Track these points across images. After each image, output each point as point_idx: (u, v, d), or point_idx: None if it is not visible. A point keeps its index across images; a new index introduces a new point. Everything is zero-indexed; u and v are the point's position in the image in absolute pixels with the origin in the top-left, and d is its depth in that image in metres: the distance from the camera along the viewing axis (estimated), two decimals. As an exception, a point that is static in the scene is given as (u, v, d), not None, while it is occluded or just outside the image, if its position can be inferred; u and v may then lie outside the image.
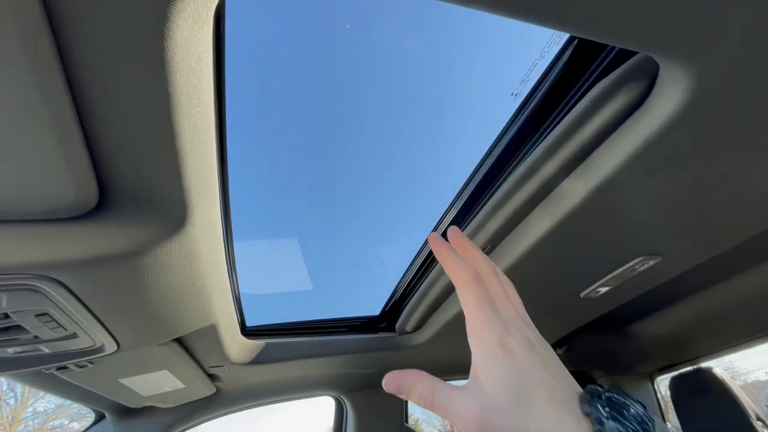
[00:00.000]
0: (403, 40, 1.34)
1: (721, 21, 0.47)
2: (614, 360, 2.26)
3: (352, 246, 2.47)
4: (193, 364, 1.24)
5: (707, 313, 1.73)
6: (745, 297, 1.57)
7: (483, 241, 1.04)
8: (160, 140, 0.49)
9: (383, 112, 1.74)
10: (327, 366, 1.62)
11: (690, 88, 0.56)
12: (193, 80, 0.47)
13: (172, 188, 0.57)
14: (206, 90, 0.51)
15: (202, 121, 0.54)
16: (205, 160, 0.59)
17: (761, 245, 1.16)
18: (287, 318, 1.57)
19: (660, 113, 0.62)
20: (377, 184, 2.15)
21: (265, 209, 2.03)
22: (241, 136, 0.78)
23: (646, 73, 0.61)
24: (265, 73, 1.52)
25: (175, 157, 0.52)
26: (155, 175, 0.54)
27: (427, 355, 1.71)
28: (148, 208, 0.59)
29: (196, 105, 0.50)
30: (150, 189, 0.56)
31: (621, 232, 0.96)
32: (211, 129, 0.58)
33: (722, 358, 2.19)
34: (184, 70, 0.44)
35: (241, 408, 1.76)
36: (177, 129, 0.49)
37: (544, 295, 1.29)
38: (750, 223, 0.95)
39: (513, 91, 0.80)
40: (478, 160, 0.97)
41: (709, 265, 1.17)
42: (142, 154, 0.51)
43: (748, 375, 12.45)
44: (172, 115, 0.47)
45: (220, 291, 0.96)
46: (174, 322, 0.90)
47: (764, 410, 8.10)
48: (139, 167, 0.53)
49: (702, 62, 0.52)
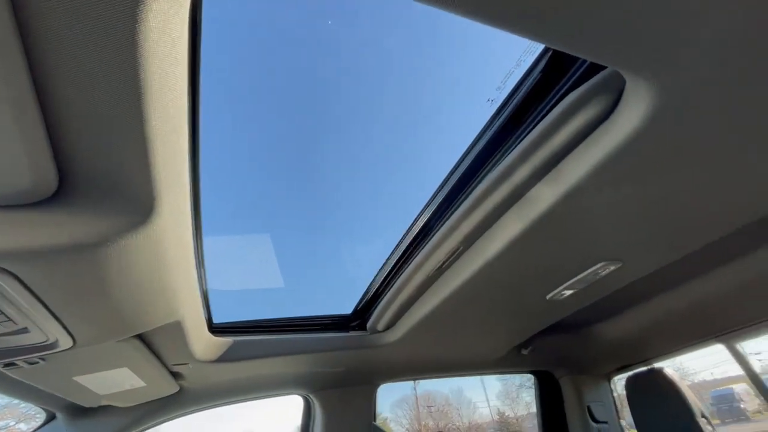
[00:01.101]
0: (385, 39, 1.34)
1: (684, 42, 0.50)
2: (575, 360, 2.36)
3: (326, 245, 2.44)
4: (155, 362, 1.19)
5: (661, 316, 1.84)
6: (695, 302, 1.68)
7: (456, 243, 1.06)
8: (127, 126, 0.47)
9: (362, 111, 1.74)
10: (296, 364, 1.60)
11: (653, 103, 0.59)
12: (166, 66, 0.46)
13: (139, 177, 0.54)
14: (180, 77, 0.49)
15: (175, 110, 0.52)
16: (175, 150, 0.57)
17: (711, 253, 1.24)
18: (257, 315, 1.54)
19: (624, 126, 0.65)
20: (353, 183, 2.14)
21: (237, 204, 1.98)
22: (215, 127, 0.76)
23: (614, 88, 0.65)
24: (243, 64, 1.49)
25: (143, 145, 0.50)
26: (121, 162, 0.52)
27: (398, 354, 1.72)
28: (113, 198, 0.56)
29: (169, 92, 0.48)
30: (115, 177, 0.53)
31: (586, 238, 1.00)
32: (184, 118, 0.56)
33: (673, 359, 2.32)
34: (157, 55, 0.43)
35: (205, 407, 1.71)
36: (146, 115, 0.47)
37: (513, 297, 1.33)
38: (703, 232, 1.02)
39: (489, 97, 0.82)
40: (453, 163, 0.98)
41: (664, 272, 1.24)
42: (107, 140, 0.48)
43: (696, 375, 13.27)
44: (142, 101, 0.45)
45: (187, 286, 0.92)
46: (136, 318, 0.86)
47: (709, 408, 8.65)
48: (103, 153, 0.50)
49: (665, 80, 0.56)
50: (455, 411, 17.46)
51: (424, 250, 1.13)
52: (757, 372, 1.93)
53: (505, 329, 1.65)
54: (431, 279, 1.26)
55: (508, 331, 1.68)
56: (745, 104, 0.61)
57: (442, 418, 17.15)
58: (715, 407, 12.16)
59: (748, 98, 0.60)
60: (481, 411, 17.71)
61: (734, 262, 1.44)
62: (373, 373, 1.93)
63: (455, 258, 1.14)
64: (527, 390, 16.88)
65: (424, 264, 1.17)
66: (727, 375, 12.32)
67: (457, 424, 17.04)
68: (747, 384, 11.97)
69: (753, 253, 1.39)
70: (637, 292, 1.67)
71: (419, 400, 17.58)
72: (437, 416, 17.30)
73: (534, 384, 2.58)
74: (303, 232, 2.25)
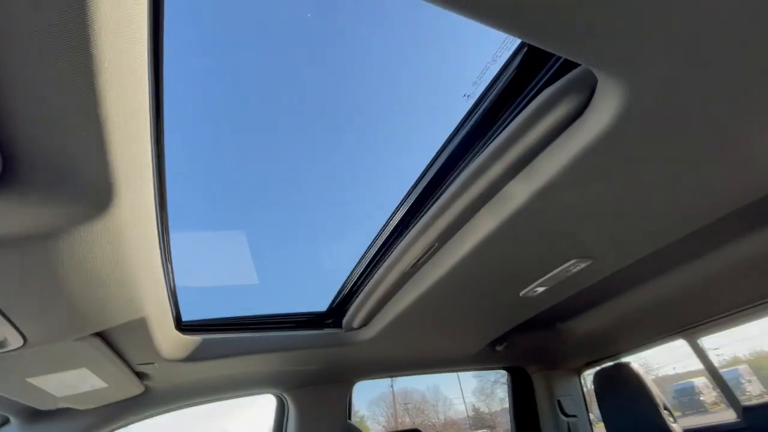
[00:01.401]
0: (362, 28, 1.32)
1: (653, 42, 0.51)
2: (547, 356, 2.41)
3: (302, 242, 2.40)
4: (118, 361, 1.13)
5: (628, 313, 1.91)
6: (659, 299, 1.75)
7: (431, 239, 1.05)
8: (80, 106, 0.44)
9: (337, 104, 1.72)
10: (269, 363, 1.57)
11: (623, 102, 0.60)
12: (123, 43, 0.43)
13: (95, 163, 0.51)
14: (139, 56, 0.46)
15: (134, 91, 0.49)
16: (136, 134, 0.54)
17: (675, 252, 1.29)
18: (230, 313, 1.49)
19: (596, 124, 0.66)
20: (327, 178, 2.11)
21: (208, 197, 1.92)
22: (183, 113, 0.72)
23: (586, 86, 0.66)
24: (214, 45, 1.42)
25: (98, 128, 0.46)
26: (74, 146, 0.48)
27: (374, 351, 1.72)
28: (66, 185, 0.52)
29: (128, 72, 0.45)
30: (67, 162, 0.49)
31: (558, 235, 1.02)
32: (145, 100, 0.52)
33: (639, 354, 2.42)
34: (111, 31, 0.40)
35: (173, 408, 1.65)
36: (101, 95, 0.43)
37: (487, 293, 1.34)
38: (671, 229, 1.05)
39: (466, 92, 0.82)
40: (429, 159, 0.98)
41: (631, 270, 1.28)
42: (56, 121, 0.45)
43: (659, 370, 13.94)
44: (96, 79, 0.42)
45: (152, 282, 0.88)
46: (95, 315, 0.81)
47: (671, 401, 9.10)
48: (52, 136, 0.46)
49: (635, 78, 0.57)
50: (432, 408, 17.66)
51: (400, 247, 1.12)
52: (715, 366, 2.03)
53: (480, 326, 1.67)
54: (407, 276, 1.25)
55: (483, 328, 1.70)
56: (713, 103, 0.63)
57: (419, 416, 17.32)
58: (676, 400, 12.81)
59: (715, 97, 0.62)
60: (456, 407, 17.99)
61: (697, 259, 1.51)
62: (349, 371, 1.91)
63: (430, 255, 1.14)
64: (501, 386, 17.25)
65: (400, 261, 1.16)
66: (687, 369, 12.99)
67: (433, 420, 17.25)
68: (706, 378, 12.67)
69: (714, 252, 1.45)
70: (605, 289, 1.73)
71: (396, 398, 17.67)
72: (414, 413, 17.45)
73: (507, 380, 2.63)
74: (277, 228, 2.20)
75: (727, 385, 1.97)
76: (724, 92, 0.61)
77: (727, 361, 13.41)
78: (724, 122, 0.68)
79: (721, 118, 0.67)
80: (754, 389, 12.35)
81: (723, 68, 0.56)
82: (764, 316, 1.80)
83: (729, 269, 1.50)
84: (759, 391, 12.36)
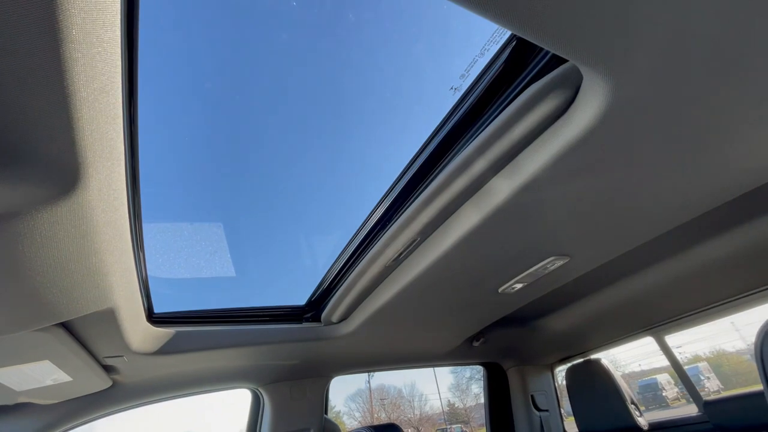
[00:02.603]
0: (347, 17, 1.30)
1: (639, 40, 0.52)
2: (522, 352, 2.47)
3: (281, 235, 2.36)
4: (84, 354, 1.08)
5: (600, 311, 1.97)
6: (630, 297, 1.81)
7: (413, 234, 1.05)
8: (42, 80, 0.41)
9: (319, 95, 1.68)
10: (245, 357, 1.54)
11: (608, 99, 0.61)
12: (93, 15, 0.40)
13: (59, 141, 0.47)
14: (110, 28, 0.43)
15: (105, 66, 0.46)
16: (106, 112, 0.50)
17: (646, 251, 1.33)
18: (204, 306, 1.45)
19: (580, 121, 0.67)
20: (309, 170, 2.07)
21: (185, 187, 1.85)
22: (158, 94, 0.69)
23: (571, 83, 0.66)
24: (196, 25, 1.36)
25: (64, 104, 0.43)
26: (37, 122, 0.45)
27: (353, 346, 1.71)
28: (26, 163, 0.48)
29: (96, 44, 0.42)
30: (30, 139, 0.46)
31: (538, 231, 1.03)
32: (117, 76, 0.49)
33: (608, 351, 2.51)
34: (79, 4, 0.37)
35: (142, 403, 1.59)
36: (67, 68, 0.40)
37: (466, 289, 1.35)
38: (647, 229, 1.09)
39: (453, 85, 0.81)
40: (414, 152, 0.97)
41: (604, 268, 1.32)
42: (18, 95, 0.42)
43: (626, 366, 14.53)
44: (61, 50, 0.39)
45: (122, 271, 0.84)
46: (58, 304, 0.77)
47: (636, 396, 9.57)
48: (13, 110, 0.43)
49: (619, 76, 0.57)
50: (407, 404, 17.85)
51: (381, 241, 1.11)
52: (680, 362, 2.12)
53: (458, 322, 1.68)
54: (387, 270, 1.24)
55: (461, 324, 1.72)
56: (697, 102, 0.65)
57: (395, 411, 17.47)
58: (641, 395, 13.42)
59: (699, 96, 0.63)
60: (432, 403, 18.24)
61: (666, 259, 1.56)
62: (326, 366, 1.90)
63: (412, 249, 1.14)
64: (476, 382, 17.63)
65: (381, 255, 1.15)
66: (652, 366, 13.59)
67: (409, 416, 17.43)
68: (669, 374, 13.29)
69: (683, 252, 1.51)
70: (580, 287, 1.78)
71: (373, 394, 17.75)
72: (390, 409, 17.60)
73: (483, 375, 2.68)
74: (256, 220, 2.15)
75: (691, 381, 2.07)
76: (706, 92, 0.63)
77: (688, 359, 14.14)
78: (704, 123, 0.70)
79: (701, 118, 0.69)
80: (711, 385, 13.07)
81: (708, 67, 0.58)
82: (728, 314, 1.89)
83: (697, 269, 1.56)
84: (716, 387, 13.08)
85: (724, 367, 14.44)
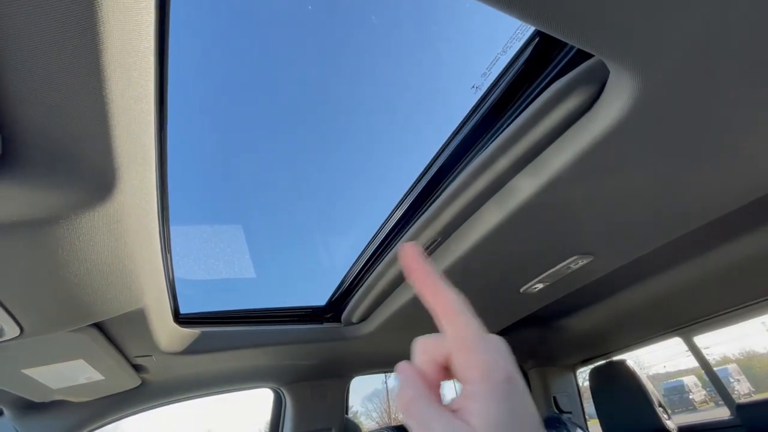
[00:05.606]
0: (370, 17, 1.30)
1: (668, 36, 0.50)
2: (544, 353, 2.43)
3: (301, 236, 2.39)
4: (115, 353, 1.12)
5: (623, 311, 1.92)
6: (657, 297, 1.76)
7: (434, 233, 1.05)
8: (84, 88, 0.42)
9: (341, 95, 1.69)
10: (267, 357, 1.56)
11: (635, 95, 0.60)
12: (130, 24, 0.41)
13: (97, 148, 0.49)
14: (145, 38, 0.45)
15: (140, 74, 0.47)
16: (140, 120, 0.52)
17: (673, 250, 1.29)
18: (228, 306, 1.48)
19: (606, 118, 0.65)
20: (329, 171, 2.09)
21: (208, 189, 1.89)
22: (185, 101, 0.71)
23: (597, 78, 0.65)
24: (220, 35, 1.39)
25: (103, 111, 0.45)
26: (77, 129, 0.46)
27: (372, 346, 1.71)
28: (67, 169, 0.50)
29: (133, 53, 0.44)
30: (70, 145, 0.48)
31: (561, 230, 1.01)
32: (150, 85, 0.51)
33: (632, 352, 2.44)
34: (119, 10, 0.39)
35: (169, 401, 1.64)
36: (106, 77, 0.42)
37: (487, 289, 1.34)
38: (672, 227, 1.05)
39: (474, 83, 0.81)
40: (434, 152, 0.97)
41: (629, 268, 1.29)
42: (58, 103, 0.43)
43: (650, 368, 14.10)
44: (101, 60, 0.40)
45: (152, 272, 0.87)
46: (93, 305, 0.80)
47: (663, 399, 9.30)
48: (55, 118, 0.45)
49: (647, 71, 0.56)
50: (425, 404, 17.69)
51: (402, 241, 1.11)
52: (710, 364, 2.05)
53: (479, 322, 1.66)
54: None
55: (482, 324, 1.70)
56: (726, 99, 0.63)
57: (412, 411, 17.35)
58: (666, 398, 13.01)
59: (728, 94, 0.61)
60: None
61: (694, 258, 1.52)
62: (347, 366, 1.90)
63: (432, 249, 1.13)
64: (495, 383, 17.34)
65: None
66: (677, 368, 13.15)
67: (426, 416, 17.27)
68: (695, 376, 12.83)
69: (711, 251, 1.46)
70: (603, 287, 1.73)
71: (390, 394, 17.71)
72: (407, 409, 17.48)
73: (503, 376, 2.64)
74: (277, 221, 2.18)
75: (722, 383, 2.00)
76: (735, 91, 0.61)
77: (716, 361, 13.64)
78: (732, 121, 0.68)
79: (730, 117, 0.67)
80: (742, 388, 12.56)
81: (739, 65, 0.56)
82: (760, 315, 1.82)
83: (726, 268, 1.51)
84: (747, 389, 12.57)
85: (755, 369, 13.87)
